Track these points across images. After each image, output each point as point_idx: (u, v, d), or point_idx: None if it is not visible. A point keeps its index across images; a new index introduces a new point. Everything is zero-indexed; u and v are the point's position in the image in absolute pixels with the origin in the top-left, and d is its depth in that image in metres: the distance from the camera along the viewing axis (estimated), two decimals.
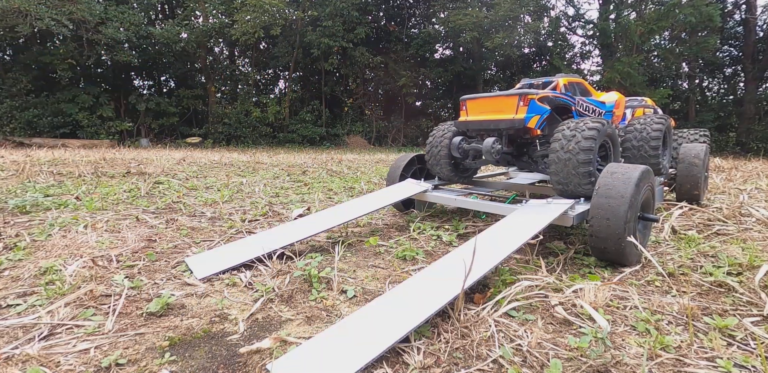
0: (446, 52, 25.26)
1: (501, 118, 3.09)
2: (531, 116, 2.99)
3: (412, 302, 1.74)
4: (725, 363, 1.40)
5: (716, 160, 10.38)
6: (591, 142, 2.63)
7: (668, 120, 3.72)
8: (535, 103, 3.01)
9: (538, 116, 3.03)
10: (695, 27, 15.94)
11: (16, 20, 14.06)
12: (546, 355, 1.50)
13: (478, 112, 3.32)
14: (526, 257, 2.62)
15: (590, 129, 2.67)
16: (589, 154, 2.63)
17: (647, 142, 3.57)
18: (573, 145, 2.66)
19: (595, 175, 2.68)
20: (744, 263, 2.36)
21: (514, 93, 3.03)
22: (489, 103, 3.22)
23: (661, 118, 3.64)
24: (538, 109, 3.03)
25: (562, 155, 2.70)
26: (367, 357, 1.41)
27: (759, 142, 16.41)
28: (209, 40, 20.88)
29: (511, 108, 3.05)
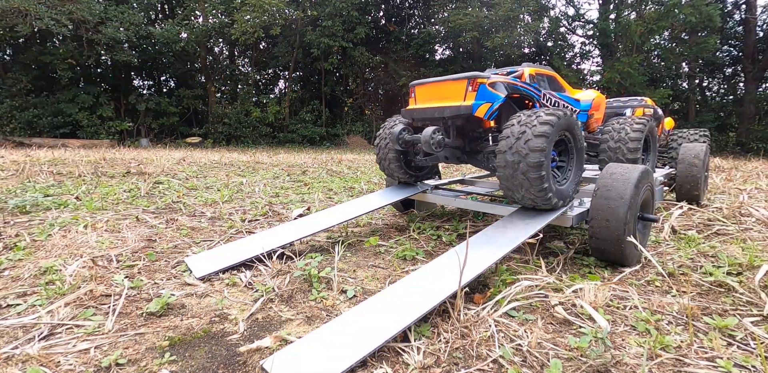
0: (446, 52, 25.25)
1: (446, 105, 2.75)
2: (480, 104, 2.61)
3: (408, 299, 1.74)
4: (725, 363, 1.40)
5: (716, 160, 10.38)
6: (543, 140, 2.21)
7: (651, 122, 3.41)
8: (486, 88, 2.64)
9: (489, 104, 2.63)
10: (695, 27, 15.95)
11: (16, 20, 14.05)
12: (546, 355, 1.50)
13: (425, 99, 2.98)
14: (526, 257, 2.62)
15: (543, 123, 2.25)
16: (541, 156, 2.20)
17: (625, 143, 3.27)
18: (522, 145, 2.25)
19: (550, 180, 2.31)
20: (744, 263, 2.36)
21: (463, 77, 2.69)
22: (437, 88, 2.88)
23: (642, 120, 3.34)
24: (489, 96, 2.64)
25: (509, 157, 2.30)
26: (361, 353, 1.41)
27: (759, 142, 16.41)
28: (209, 40, 20.87)
29: (458, 94, 2.71)
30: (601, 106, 3.81)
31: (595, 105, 3.71)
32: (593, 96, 3.67)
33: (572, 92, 3.57)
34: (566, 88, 3.56)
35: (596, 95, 3.72)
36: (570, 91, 3.56)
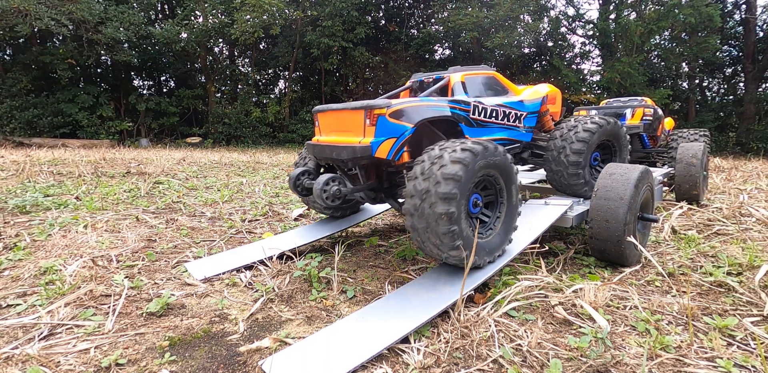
0: (446, 52, 25.24)
1: (344, 143, 2.22)
2: (381, 141, 2.08)
3: (410, 305, 1.74)
4: (725, 363, 1.40)
5: (716, 160, 10.38)
6: (452, 186, 1.71)
7: (615, 125, 2.89)
8: (386, 121, 2.08)
9: (393, 140, 2.10)
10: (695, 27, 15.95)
11: (16, 20, 14.05)
12: (546, 355, 1.50)
13: (328, 131, 2.46)
14: (526, 257, 2.62)
15: (455, 161, 1.75)
16: (450, 205, 1.69)
17: (570, 143, 2.70)
18: (430, 190, 1.74)
19: (463, 236, 1.81)
20: (744, 263, 2.36)
21: (359, 106, 2.17)
22: (337, 118, 2.36)
23: (601, 121, 2.78)
24: (392, 130, 2.11)
25: (416, 202, 1.78)
26: (361, 358, 1.41)
27: (759, 142, 16.41)
28: (209, 40, 20.85)
29: (358, 128, 2.19)
30: (557, 100, 3.34)
31: (550, 99, 3.26)
32: (544, 92, 3.17)
33: (517, 92, 3.07)
34: (510, 89, 3.07)
35: (549, 89, 3.26)
36: (514, 90, 3.07)
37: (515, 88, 3.10)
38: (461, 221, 1.78)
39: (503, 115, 2.78)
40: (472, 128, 2.56)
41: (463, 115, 2.49)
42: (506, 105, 2.83)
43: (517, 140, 2.92)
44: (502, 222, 2.12)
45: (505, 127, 2.82)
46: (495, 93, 2.93)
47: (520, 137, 2.95)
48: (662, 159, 5.57)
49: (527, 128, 3.00)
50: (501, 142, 2.75)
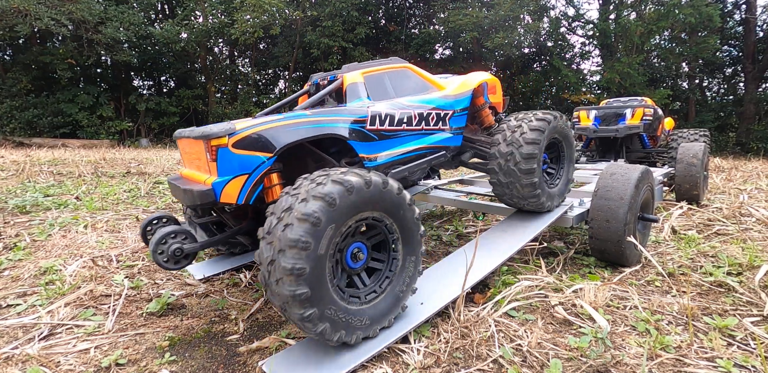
0: (446, 52, 25.24)
1: (191, 182, 1.78)
2: (226, 181, 1.59)
3: (410, 303, 1.73)
4: (725, 363, 1.40)
5: (716, 160, 10.38)
6: (306, 229, 1.28)
7: (561, 120, 2.49)
8: (230, 153, 1.59)
9: (243, 178, 1.61)
10: (695, 27, 15.95)
11: (16, 20, 14.05)
12: (546, 355, 1.50)
13: (188, 163, 2.00)
14: (526, 257, 2.62)
15: (317, 197, 1.33)
16: (299, 256, 1.26)
17: (518, 147, 2.24)
18: (278, 243, 1.29)
19: (315, 302, 1.31)
20: (744, 263, 2.36)
21: (198, 135, 1.67)
22: (189, 147, 1.89)
23: (547, 116, 2.40)
24: (240, 165, 1.61)
25: (266, 253, 1.33)
26: (360, 357, 1.41)
27: (759, 142, 16.41)
28: (209, 40, 20.86)
29: (203, 162, 1.73)
30: (497, 89, 2.90)
31: (489, 89, 2.78)
32: (476, 81, 2.65)
33: (439, 87, 2.57)
34: (430, 83, 2.57)
35: (483, 78, 2.72)
36: (436, 85, 2.57)
37: (436, 82, 2.59)
38: (322, 290, 1.32)
39: (419, 119, 2.28)
40: (372, 143, 2.02)
41: (355, 128, 1.96)
42: (424, 104, 2.35)
43: (440, 147, 2.41)
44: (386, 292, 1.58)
45: (422, 133, 2.31)
46: (411, 91, 2.43)
47: (445, 143, 2.44)
48: (662, 159, 5.57)
49: (456, 130, 2.52)
50: (416, 153, 2.26)
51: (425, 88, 2.52)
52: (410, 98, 2.34)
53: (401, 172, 2.21)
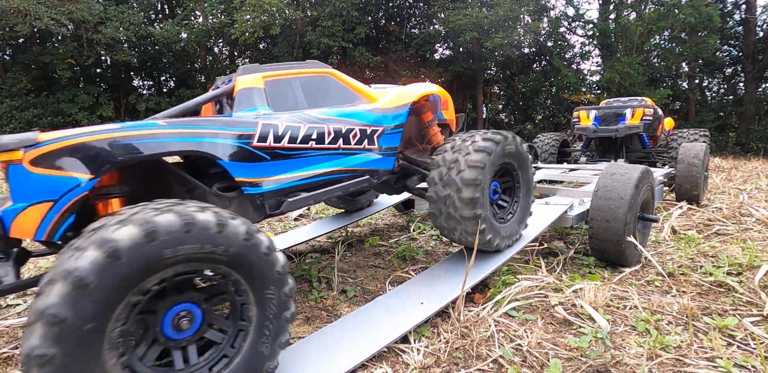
0: (446, 52, 25.24)
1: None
2: (20, 209, 1.21)
3: (410, 303, 1.74)
4: (725, 363, 1.40)
5: (716, 160, 10.38)
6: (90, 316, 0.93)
7: (514, 141, 2.10)
8: (25, 173, 1.22)
9: (45, 206, 1.23)
10: (695, 27, 15.96)
11: (16, 20, 14.05)
12: (546, 355, 1.50)
13: None
14: (526, 257, 2.62)
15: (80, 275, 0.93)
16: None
17: (459, 172, 1.86)
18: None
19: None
20: (744, 263, 2.36)
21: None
22: None
23: (497, 137, 2.00)
24: (42, 189, 1.23)
25: None
26: (361, 357, 1.41)
27: (759, 142, 16.41)
28: (209, 40, 20.86)
29: None
30: (449, 104, 2.54)
31: (442, 104, 2.45)
32: (418, 94, 2.25)
33: (370, 98, 2.16)
34: (359, 93, 2.15)
35: (427, 91, 2.32)
36: (366, 95, 2.17)
37: (367, 93, 2.17)
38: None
39: (336, 136, 1.87)
40: (259, 164, 1.61)
41: (236, 144, 1.56)
42: (344, 119, 1.95)
43: (363, 171, 2.00)
44: None
45: (340, 153, 1.91)
46: (331, 101, 2.03)
47: (371, 165, 2.04)
48: (662, 159, 5.57)
49: (387, 150, 2.10)
50: (328, 177, 1.87)
51: (351, 98, 2.11)
52: (326, 111, 1.93)
53: (304, 201, 1.77)
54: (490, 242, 1.97)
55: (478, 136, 2.01)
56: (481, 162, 1.85)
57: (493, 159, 1.93)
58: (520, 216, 2.23)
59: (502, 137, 2.01)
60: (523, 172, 2.25)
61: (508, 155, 2.07)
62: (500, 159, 2.00)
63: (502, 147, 1.98)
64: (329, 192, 1.87)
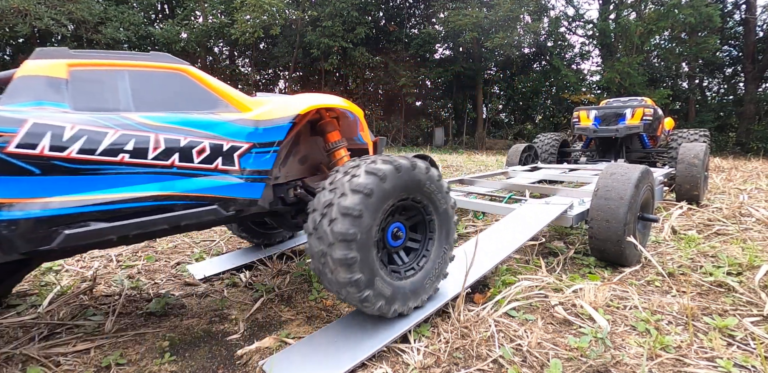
0: (446, 52, 25.25)
1: None
2: None
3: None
4: (725, 363, 1.40)
5: (716, 160, 10.39)
6: None
7: (420, 169, 1.60)
8: None
9: None
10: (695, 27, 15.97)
11: (16, 20, 14.06)
12: (546, 355, 1.50)
13: None
14: (526, 257, 2.62)
15: None
16: None
17: (330, 220, 1.39)
18: None
19: None
20: (744, 263, 2.36)
21: None
22: None
23: (378, 169, 1.46)
24: None
25: None
26: (361, 355, 1.41)
27: (759, 142, 16.41)
28: (209, 40, 20.88)
29: None
30: (364, 124, 2.07)
31: (359, 126, 2.04)
32: (308, 105, 1.76)
33: (241, 107, 1.69)
34: (223, 99, 1.67)
35: (328, 103, 1.84)
36: (234, 104, 1.68)
37: (236, 99, 1.69)
38: None
39: (167, 149, 1.42)
40: (23, 179, 1.17)
41: None
42: (186, 128, 1.48)
43: (209, 198, 1.52)
44: None
45: (174, 173, 1.44)
46: (179, 105, 1.57)
47: (222, 192, 1.55)
48: (662, 159, 5.57)
49: (254, 174, 1.63)
50: (143, 204, 1.38)
51: (210, 104, 1.63)
52: (159, 116, 1.45)
53: (96, 235, 1.29)
54: (382, 309, 1.49)
55: (363, 166, 1.47)
56: (355, 208, 1.34)
57: (380, 199, 1.42)
58: (433, 266, 1.71)
59: (392, 168, 1.47)
60: (439, 207, 1.71)
61: (412, 188, 1.56)
62: (396, 194, 1.49)
63: (395, 180, 1.47)
64: (146, 225, 1.37)
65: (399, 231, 1.65)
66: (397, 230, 1.64)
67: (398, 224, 1.66)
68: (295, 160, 1.95)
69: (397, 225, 1.66)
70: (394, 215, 1.63)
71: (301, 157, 1.99)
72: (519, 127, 24.52)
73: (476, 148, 20.97)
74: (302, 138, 1.95)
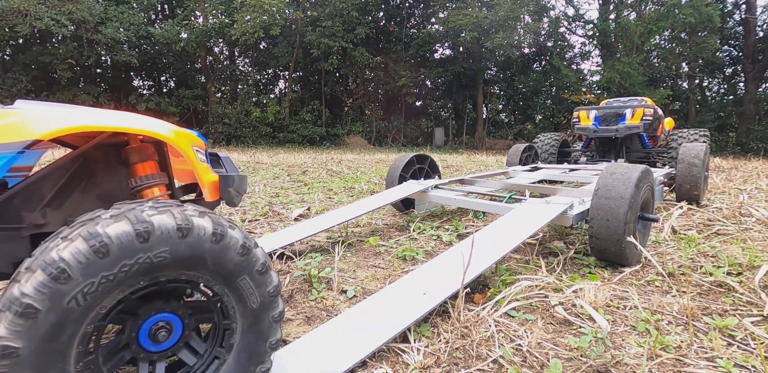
0: (446, 52, 25.25)
1: None
2: None
3: (410, 298, 1.73)
4: (725, 363, 1.40)
5: (716, 160, 10.38)
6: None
7: (180, 236, 0.90)
8: None
9: None
10: (695, 27, 15.97)
11: (16, 20, 14.06)
12: (546, 355, 1.50)
13: None
14: (526, 257, 2.62)
15: None
16: None
17: None
18: None
19: None
20: (744, 263, 2.36)
21: None
22: None
23: (101, 230, 0.82)
24: None
25: None
26: (361, 354, 1.41)
27: (759, 142, 16.41)
28: (209, 40, 20.88)
29: None
30: (190, 158, 1.27)
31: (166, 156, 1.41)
32: (58, 127, 0.98)
33: None
34: None
35: (103, 124, 1.07)
36: None
37: None
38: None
39: None
40: None
41: None
42: None
43: None
44: None
45: None
46: None
47: None
48: (662, 159, 5.57)
49: None
50: None
51: None
52: None
53: None
54: None
55: (85, 226, 0.85)
56: (29, 304, 0.75)
57: (90, 287, 0.80)
58: None
59: (130, 233, 0.85)
60: (248, 301, 1.05)
61: (182, 265, 0.92)
62: (136, 276, 0.86)
63: (132, 253, 0.84)
64: None
65: (163, 328, 0.98)
66: (159, 328, 0.97)
67: (167, 315, 0.99)
68: (87, 196, 1.34)
69: (165, 318, 0.99)
70: (148, 302, 0.97)
71: (102, 193, 1.38)
72: (519, 127, 24.52)
73: (476, 148, 20.95)
74: (98, 167, 1.36)
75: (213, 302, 1.06)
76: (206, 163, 1.40)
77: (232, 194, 1.41)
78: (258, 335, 1.10)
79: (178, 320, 1.02)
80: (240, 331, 1.08)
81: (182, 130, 1.31)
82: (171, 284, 0.96)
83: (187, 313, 1.03)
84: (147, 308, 0.97)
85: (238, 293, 1.03)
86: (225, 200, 1.42)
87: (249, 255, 1.01)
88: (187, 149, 1.27)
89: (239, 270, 1.00)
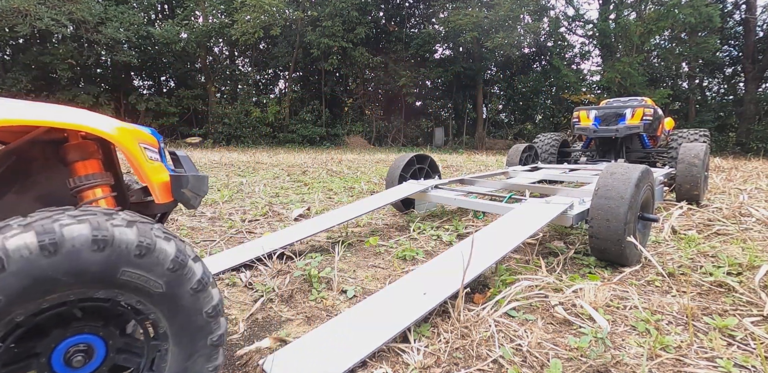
0: (446, 52, 25.25)
1: None
2: None
3: (410, 298, 1.73)
4: (725, 363, 1.40)
5: (716, 160, 10.38)
6: None
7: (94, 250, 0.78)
8: None
9: None
10: (695, 27, 15.97)
11: (16, 20, 14.06)
12: (546, 355, 1.49)
13: None
14: (526, 257, 2.62)
15: None
16: None
17: None
18: None
19: None
20: (744, 263, 2.36)
21: None
22: None
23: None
24: None
25: None
26: (362, 354, 1.41)
27: (759, 142, 16.41)
28: (209, 40, 20.89)
29: None
30: (137, 159, 1.18)
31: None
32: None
33: None
34: None
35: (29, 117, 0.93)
36: None
37: None
38: None
39: None
40: None
41: None
42: None
43: None
44: None
45: None
46: None
47: None
48: (662, 159, 5.57)
49: None
50: None
51: None
52: None
53: None
54: None
55: None
56: None
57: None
58: None
59: (33, 245, 0.73)
60: (175, 316, 0.92)
61: (101, 282, 0.81)
62: (35, 295, 0.75)
63: (39, 268, 0.73)
64: None
65: (80, 352, 0.86)
66: (75, 352, 0.85)
67: (86, 337, 0.88)
68: (24, 198, 1.26)
69: (84, 340, 0.87)
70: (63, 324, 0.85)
71: (42, 194, 1.30)
72: (519, 127, 24.52)
73: (476, 148, 20.95)
74: (35, 166, 1.28)
75: (139, 320, 0.93)
76: (159, 162, 1.31)
77: (187, 195, 1.31)
78: (194, 359, 0.98)
79: (101, 342, 0.89)
80: (171, 354, 0.95)
81: (129, 126, 1.21)
82: (85, 302, 0.83)
83: (113, 333, 0.90)
84: (59, 331, 0.83)
85: (168, 314, 0.91)
86: (181, 202, 1.31)
87: (182, 271, 0.90)
88: (131, 147, 1.16)
89: (170, 288, 0.89)
